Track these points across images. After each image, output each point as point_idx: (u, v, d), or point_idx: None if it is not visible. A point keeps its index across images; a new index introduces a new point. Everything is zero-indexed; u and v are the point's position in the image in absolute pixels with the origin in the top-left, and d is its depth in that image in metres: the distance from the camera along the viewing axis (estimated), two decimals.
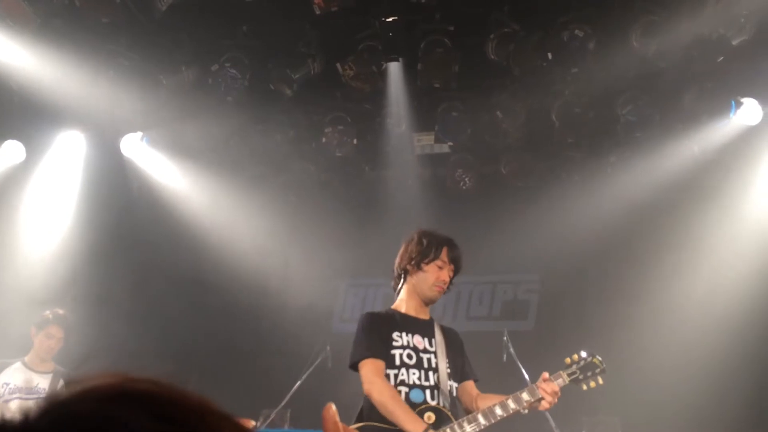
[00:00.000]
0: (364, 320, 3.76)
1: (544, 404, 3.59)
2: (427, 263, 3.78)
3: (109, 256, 7.48)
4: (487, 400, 3.69)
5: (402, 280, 3.86)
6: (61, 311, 5.64)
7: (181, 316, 7.77)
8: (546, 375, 3.63)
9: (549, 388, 3.56)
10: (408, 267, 3.82)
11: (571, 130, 6.86)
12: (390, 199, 7.72)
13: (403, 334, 3.72)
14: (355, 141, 7.10)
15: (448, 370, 3.74)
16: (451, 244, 3.85)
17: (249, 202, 7.64)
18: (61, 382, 5.29)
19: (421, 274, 3.79)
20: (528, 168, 7.40)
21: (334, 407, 0.78)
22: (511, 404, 3.58)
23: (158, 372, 0.65)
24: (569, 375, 3.73)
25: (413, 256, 3.80)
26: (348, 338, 7.74)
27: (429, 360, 3.71)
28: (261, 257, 7.73)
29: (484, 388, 4.10)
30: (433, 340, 3.78)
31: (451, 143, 7.32)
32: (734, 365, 6.64)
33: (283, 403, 6.16)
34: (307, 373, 6.33)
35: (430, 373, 3.67)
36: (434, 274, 3.77)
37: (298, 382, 6.25)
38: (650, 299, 7.09)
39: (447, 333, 3.89)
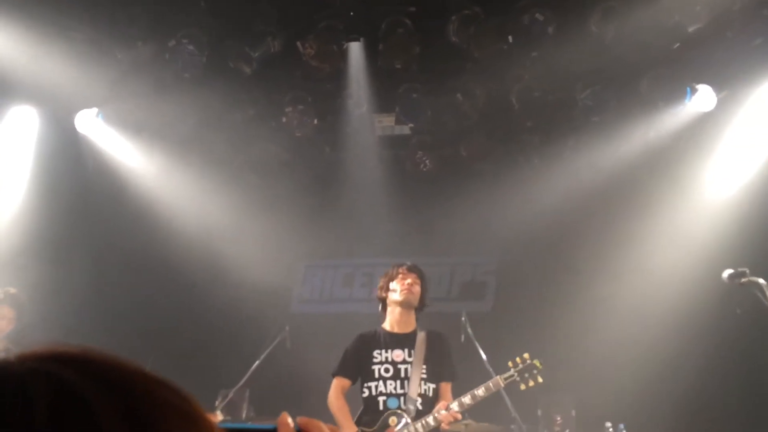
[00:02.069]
0: (353, 341, 4.78)
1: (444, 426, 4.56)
2: (391, 281, 4.77)
3: (62, 236, 7.32)
4: (438, 405, 4.65)
5: (382, 306, 4.84)
6: (12, 290, 5.48)
7: (137, 297, 7.73)
8: (444, 404, 4.57)
9: (449, 417, 4.50)
10: (383, 295, 4.80)
11: (530, 114, 6.90)
12: (350, 180, 7.72)
13: (383, 351, 4.67)
14: (315, 121, 7.04)
15: (424, 375, 4.61)
16: (405, 264, 4.83)
17: (207, 182, 7.57)
18: None
19: (391, 292, 4.75)
20: (487, 151, 7.43)
21: (289, 418, 0.77)
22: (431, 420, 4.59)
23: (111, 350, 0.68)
24: (506, 379, 4.67)
25: (382, 285, 4.81)
26: (307, 319, 8.13)
27: (406, 370, 4.62)
28: (219, 237, 7.73)
29: None
30: (412, 351, 4.66)
31: (411, 125, 7.33)
32: (684, 346, 6.81)
33: (241, 383, 6.17)
34: (266, 353, 6.32)
35: (405, 382, 4.57)
36: (399, 284, 4.72)
37: (257, 362, 6.25)
38: (605, 282, 7.21)
39: (430, 339, 4.73)
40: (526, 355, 4.75)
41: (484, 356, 5.32)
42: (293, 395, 6.60)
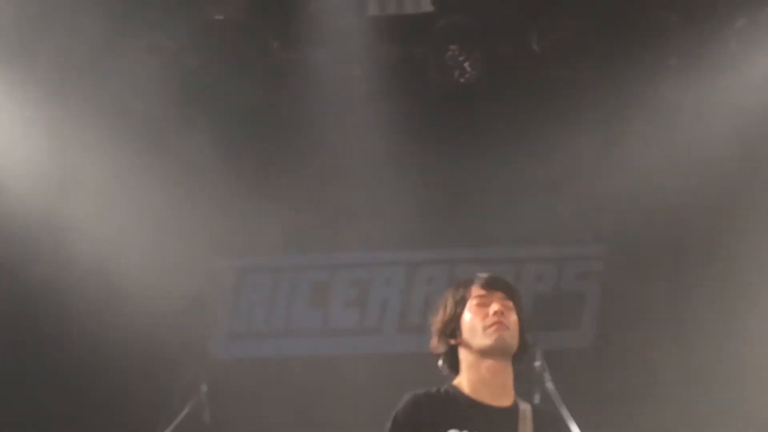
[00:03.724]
0: (399, 410, 4.27)
1: None
2: (464, 311, 4.27)
3: None
4: None
5: (450, 361, 4.30)
6: None
7: None
8: None
9: None
10: (451, 342, 4.29)
11: None
12: (320, 105, 7.68)
13: None
14: None
15: None
16: (479, 275, 4.35)
17: (49, 118, 7.53)
18: None
19: (466, 333, 4.22)
20: (581, 44, 7.49)
21: None
22: None
23: None
24: None
25: (445, 321, 4.29)
26: (241, 369, 9.52)
27: None
28: (76, 222, 7.58)
29: None
30: None
31: None
32: None
33: None
34: None
35: None
36: (478, 316, 4.22)
37: None
38: None
39: (540, 421, 4.21)
40: None
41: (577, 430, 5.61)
42: None
